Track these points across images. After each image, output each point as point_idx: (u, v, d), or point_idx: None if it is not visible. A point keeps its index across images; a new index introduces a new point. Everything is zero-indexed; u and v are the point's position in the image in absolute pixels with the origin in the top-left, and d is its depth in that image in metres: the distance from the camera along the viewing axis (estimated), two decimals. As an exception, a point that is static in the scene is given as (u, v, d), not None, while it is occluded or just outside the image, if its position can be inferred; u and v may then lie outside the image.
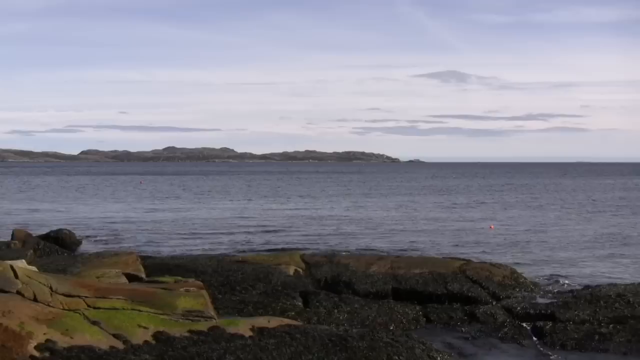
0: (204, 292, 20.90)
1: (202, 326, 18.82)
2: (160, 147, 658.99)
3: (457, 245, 46.45)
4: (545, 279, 33.51)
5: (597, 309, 24.44)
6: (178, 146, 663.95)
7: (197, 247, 44.65)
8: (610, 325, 23.31)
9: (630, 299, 24.89)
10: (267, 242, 47.69)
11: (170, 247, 44.37)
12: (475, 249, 44.07)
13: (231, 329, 18.80)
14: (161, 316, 18.82)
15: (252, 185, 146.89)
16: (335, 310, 24.62)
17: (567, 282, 32.76)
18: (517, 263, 37.14)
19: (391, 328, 23.17)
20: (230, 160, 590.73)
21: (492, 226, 57.16)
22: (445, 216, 69.72)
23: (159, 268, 28.99)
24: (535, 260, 39.50)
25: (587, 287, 29.21)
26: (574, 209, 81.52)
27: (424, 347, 19.67)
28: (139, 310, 18.76)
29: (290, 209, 78.27)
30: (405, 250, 43.01)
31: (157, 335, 17.96)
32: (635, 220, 65.69)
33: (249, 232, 53.48)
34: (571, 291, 28.93)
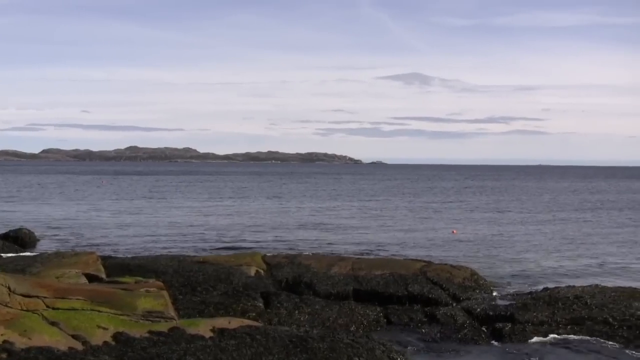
0: (164, 292, 20.81)
1: (163, 327, 18.75)
2: (122, 146, 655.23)
3: (418, 247, 46.67)
4: (505, 280, 33.82)
5: (556, 311, 24.72)
6: (140, 146, 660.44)
7: (158, 247, 44.43)
8: (568, 327, 23.59)
9: (588, 301, 25.21)
10: (228, 242, 47.57)
11: (131, 247, 44.09)
12: (436, 251, 44.32)
13: (191, 330, 18.75)
14: (121, 317, 18.72)
15: (215, 185, 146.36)
16: (296, 311, 24.64)
17: (526, 283, 33.08)
18: (478, 265, 37.37)
19: (352, 329, 23.23)
20: (193, 160, 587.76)
21: (454, 231, 57.42)
22: (407, 218, 70.02)
23: (119, 268, 28.85)
24: (495, 262, 39.79)
25: (545, 288, 29.46)
26: (535, 211, 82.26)
27: (384, 348, 19.74)
28: (99, 311, 18.65)
29: (252, 210, 78.14)
30: (366, 251, 43.10)
31: (116, 336, 17.86)
32: (595, 223, 66.44)
33: (210, 233, 53.30)
34: (530, 293, 29.19)
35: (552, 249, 46.52)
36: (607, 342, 22.33)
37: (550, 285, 30.62)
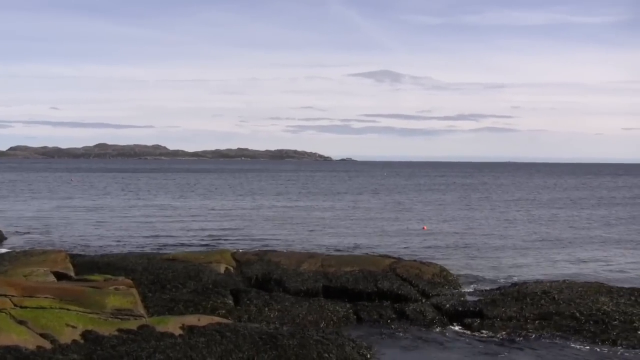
0: (133, 290, 20.76)
1: (132, 325, 18.72)
2: (91, 143, 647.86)
3: (389, 243, 46.79)
4: (474, 276, 34.03)
5: (524, 306, 24.93)
6: (110, 143, 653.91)
7: (127, 245, 44.24)
8: (536, 322, 23.79)
9: (555, 296, 25.46)
10: (198, 240, 47.47)
11: (100, 245, 43.90)
12: (407, 247, 44.49)
13: (161, 328, 18.74)
14: (90, 315, 18.66)
15: (184, 183, 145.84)
16: (266, 309, 24.64)
17: (495, 279, 33.31)
18: (448, 261, 37.59)
19: (321, 326, 23.27)
20: (163, 157, 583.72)
21: (425, 227, 57.64)
22: (378, 215, 70.20)
23: (88, 266, 28.74)
24: (465, 258, 40.03)
25: (514, 284, 29.71)
26: (505, 208, 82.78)
27: (354, 345, 19.83)
28: (67, 309, 18.58)
29: (222, 207, 77.97)
30: (336, 248, 43.14)
31: (85, 335, 17.82)
32: (564, 219, 66.99)
33: (180, 230, 53.17)
34: (499, 288, 29.39)
35: (521, 245, 46.87)
36: (574, 337, 22.53)
37: (519, 281, 30.88)
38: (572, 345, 21.75)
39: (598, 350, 21.21)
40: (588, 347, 21.44)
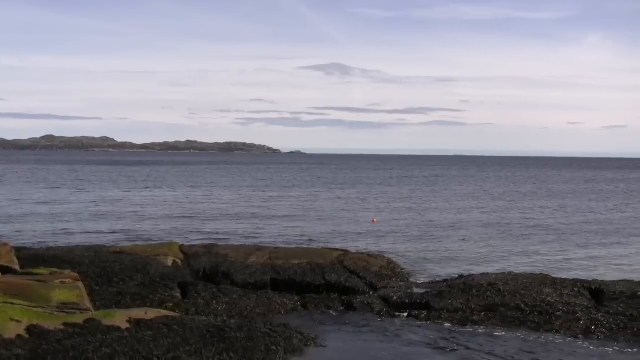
0: (80, 283, 20.60)
1: (78, 319, 18.60)
2: (38, 135, 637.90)
3: (338, 236, 46.97)
4: (422, 268, 34.34)
5: (470, 298, 25.24)
6: (57, 134, 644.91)
7: (74, 237, 43.77)
8: (482, 313, 24.10)
9: (501, 288, 25.81)
10: (145, 232, 47.15)
11: (46, 238, 43.33)
12: (356, 240, 44.70)
13: (108, 321, 18.65)
14: (35, 309, 18.48)
15: (133, 175, 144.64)
16: (214, 301, 24.63)
17: (442, 272, 33.61)
18: (396, 253, 37.85)
19: (269, 318, 23.29)
20: (111, 149, 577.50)
21: (375, 219, 57.92)
22: (327, 207, 70.37)
23: (33, 259, 28.32)
24: (413, 251, 40.30)
25: (460, 276, 30.05)
26: (454, 200, 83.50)
27: (301, 337, 19.95)
28: (12, 304, 18.37)
29: (170, 200, 77.51)
30: (285, 241, 43.19)
31: (30, 329, 17.65)
32: (512, 211, 67.79)
33: (128, 223, 52.75)
34: (445, 281, 29.72)
35: (468, 237, 47.32)
36: (519, 327, 22.86)
37: (466, 273, 31.21)
38: (517, 335, 22.05)
39: (542, 340, 21.54)
40: (532, 337, 21.76)
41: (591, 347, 20.73)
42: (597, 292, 26.03)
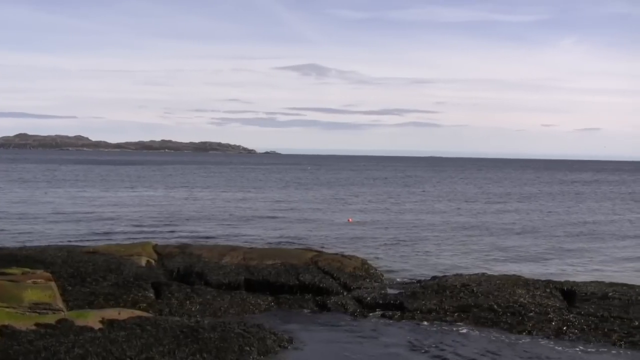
0: (52, 283, 20.54)
1: (50, 319, 18.52)
2: (11, 133, 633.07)
3: (313, 236, 46.97)
4: (396, 269, 34.39)
5: (444, 299, 25.38)
6: (30, 133, 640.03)
7: (46, 237, 43.47)
8: (455, 314, 24.23)
9: (474, 289, 25.98)
10: (119, 232, 46.92)
11: (18, 238, 43.02)
12: (331, 240, 44.73)
13: (80, 322, 18.58)
14: (6, 309, 18.40)
15: (107, 175, 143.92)
16: (188, 302, 24.61)
17: (416, 272, 33.70)
18: (371, 254, 37.93)
19: (243, 319, 23.28)
20: (85, 148, 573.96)
21: (350, 219, 58.03)
22: (302, 208, 70.41)
23: (5, 259, 28.11)
24: (388, 251, 40.38)
25: (434, 277, 30.17)
26: (429, 202, 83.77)
27: (275, 337, 19.97)
28: (-17, 303, 18.29)
29: (145, 200, 77.18)
30: (259, 241, 43.15)
31: (1, 329, 17.54)
32: (487, 213, 68.09)
33: (102, 223, 52.44)
34: (419, 281, 29.85)
35: (442, 238, 47.48)
36: (492, 328, 23.00)
37: (439, 274, 31.33)
38: (490, 336, 22.17)
39: (515, 340, 21.67)
40: (505, 338, 21.89)
41: (563, 348, 20.88)
42: (569, 293, 26.26)
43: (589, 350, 20.76)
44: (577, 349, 20.78)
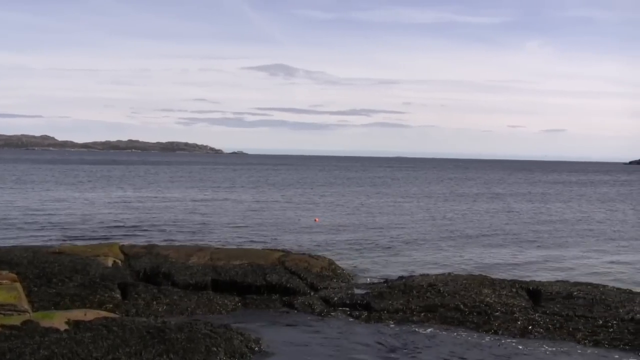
0: (17, 284, 20.40)
1: (15, 320, 18.39)
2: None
3: (280, 236, 46.98)
4: (363, 269, 34.49)
5: (410, 299, 25.51)
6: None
7: (12, 237, 43.13)
8: (422, 314, 24.35)
9: (441, 289, 26.13)
10: (85, 232, 46.61)
11: (-17, 238, 42.66)
12: (298, 240, 44.77)
13: (46, 323, 18.46)
14: (-29, 310, 18.24)
15: (74, 174, 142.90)
16: (154, 302, 24.55)
17: (383, 272, 33.81)
18: (338, 254, 38.03)
19: (210, 319, 23.23)
20: (51, 148, 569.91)
21: (317, 219, 58.12)
22: (269, 208, 70.37)
23: (-30, 260, 27.92)
24: (355, 251, 40.49)
25: (401, 277, 30.30)
26: (396, 202, 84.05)
27: (242, 338, 19.95)
28: (-53, 305, 18.12)
29: (111, 200, 76.72)
30: (226, 241, 43.09)
31: (-34, 330, 17.40)
32: (451, 212, 68.43)
33: (68, 223, 52.08)
34: (386, 281, 29.95)
35: (409, 238, 47.68)
36: (458, 327, 23.13)
37: (406, 274, 31.49)
38: (456, 335, 22.30)
39: (481, 340, 21.81)
40: (471, 337, 22.02)
41: (528, 347, 21.05)
42: (535, 292, 26.49)
43: (554, 349, 20.93)
44: (543, 348, 20.95)
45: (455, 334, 22.53)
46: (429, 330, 22.94)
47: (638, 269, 37.31)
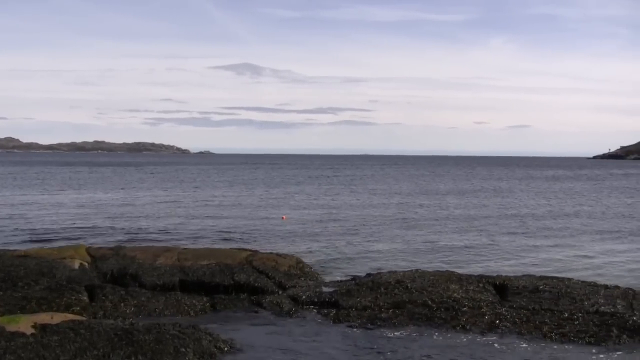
0: (-18, 289, 20.21)
1: (-20, 325, 18.22)
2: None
3: (247, 235, 46.92)
4: (331, 267, 34.59)
5: (378, 296, 25.59)
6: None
7: (-24, 242, 42.70)
8: (390, 310, 24.44)
9: (408, 285, 26.26)
10: (51, 235, 46.20)
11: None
12: (265, 239, 44.75)
13: (11, 327, 18.32)
14: None
15: (38, 176, 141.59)
16: (122, 304, 24.42)
17: (351, 270, 33.89)
18: (305, 252, 38.07)
19: (178, 320, 23.18)
20: (15, 150, 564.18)
21: (284, 217, 58.13)
22: (237, 206, 70.21)
23: None
24: (322, 249, 40.53)
25: (369, 274, 30.38)
26: (362, 198, 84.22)
27: (211, 338, 19.92)
28: None
29: (77, 201, 76.14)
30: (193, 241, 42.97)
31: None
32: (418, 208, 68.68)
33: (33, 225, 51.61)
34: (354, 279, 29.99)
35: (377, 235, 47.83)
36: (426, 323, 23.23)
37: (374, 271, 31.57)
38: (424, 331, 22.40)
39: (449, 335, 21.94)
40: (439, 333, 22.15)
41: (495, 341, 21.21)
42: (501, 287, 26.69)
43: (521, 342, 21.11)
44: (510, 342, 21.12)
45: (423, 330, 22.63)
46: (397, 326, 23.02)
47: (602, 262, 37.75)
